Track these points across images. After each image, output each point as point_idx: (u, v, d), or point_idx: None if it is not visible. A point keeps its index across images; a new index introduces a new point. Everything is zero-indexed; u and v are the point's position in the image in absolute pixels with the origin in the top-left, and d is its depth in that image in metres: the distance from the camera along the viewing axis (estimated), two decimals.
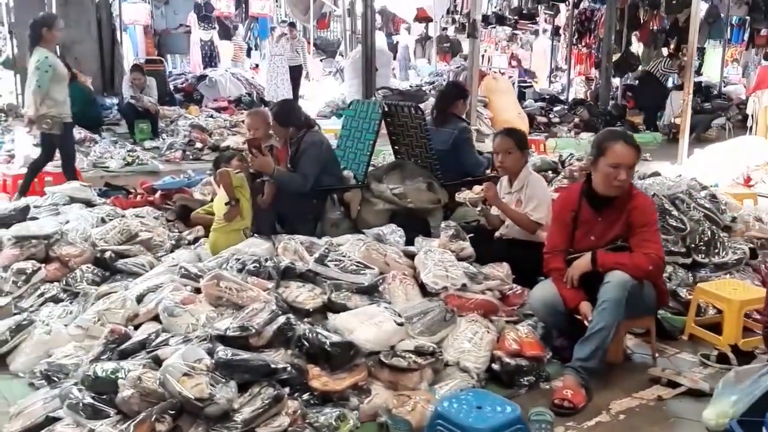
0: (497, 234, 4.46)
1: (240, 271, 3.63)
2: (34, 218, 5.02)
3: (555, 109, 12.83)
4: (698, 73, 15.78)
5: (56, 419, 2.85)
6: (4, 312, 4.01)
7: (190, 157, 9.13)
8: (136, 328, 3.30)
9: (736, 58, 20.31)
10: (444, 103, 5.84)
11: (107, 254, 4.59)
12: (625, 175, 3.35)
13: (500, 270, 3.93)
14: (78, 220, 4.90)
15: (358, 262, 3.63)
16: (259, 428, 2.70)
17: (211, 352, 2.88)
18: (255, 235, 4.53)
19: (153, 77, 10.86)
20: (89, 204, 5.51)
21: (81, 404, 2.74)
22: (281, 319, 3.09)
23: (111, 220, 5.06)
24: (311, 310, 3.38)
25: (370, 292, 3.51)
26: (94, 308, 3.41)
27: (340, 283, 3.51)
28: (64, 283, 4.38)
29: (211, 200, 5.61)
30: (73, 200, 5.43)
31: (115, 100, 11.99)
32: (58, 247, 4.61)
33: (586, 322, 3.35)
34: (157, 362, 2.89)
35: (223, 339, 3.01)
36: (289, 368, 2.87)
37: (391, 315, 3.21)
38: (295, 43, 14.13)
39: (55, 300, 4.24)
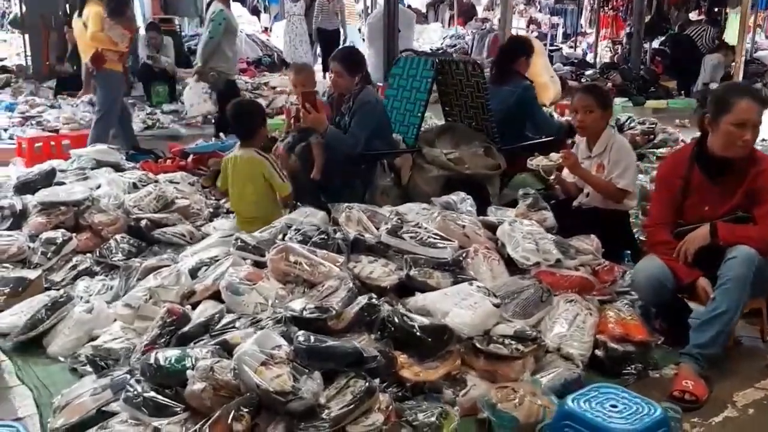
0: (575, 203, 4.04)
1: (302, 243, 3.23)
2: (59, 183, 4.61)
3: (587, 73, 12.32)
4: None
5: (110, 414, 2.47)
6: (34, 287, 3.62)
7: (212, 121, 8.66)
8: (194, 307, 2.90)
9: (760, 24, 19.74)
10: (505, 60, 5.35)
11: (143, 223, 4.20)
12: (751, 134, 2.94)
13: (589, 243, 3.51)
14: (109, 186, 4.49)
15: (436, 234, 3.22)
16: (350, 426, 2.31)
17: (286, 337, 2.49)
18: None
19: (169, 37, 10.36)
20: (118, 168, 5.10)
21: (141, 398, 2.34)
22: (362, 300, 2.69)
23: (144, 185, 4.67)
24: (388, 288, 2.98)
25: (452, 268, 3.10)
26: (144, 284, 3.00)
27: (417, 257, 3.09)
28: (97, 254, 4.00)
29: None
30: (100, 164, 5.01)
31: (129, 62, 11.51)
32: (89, 215, 4.22)
33: (699, 303, 2.96)
34: (226, 349, 2.50)
35: (298, 321, 2.61)
36: (379, 357, 2.48)
37: (487, 295, 2.80)
38: (334, 4, 13.32)
39: (89, 273, 3.86)
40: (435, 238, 3.19)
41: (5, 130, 7.50)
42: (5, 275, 3.64)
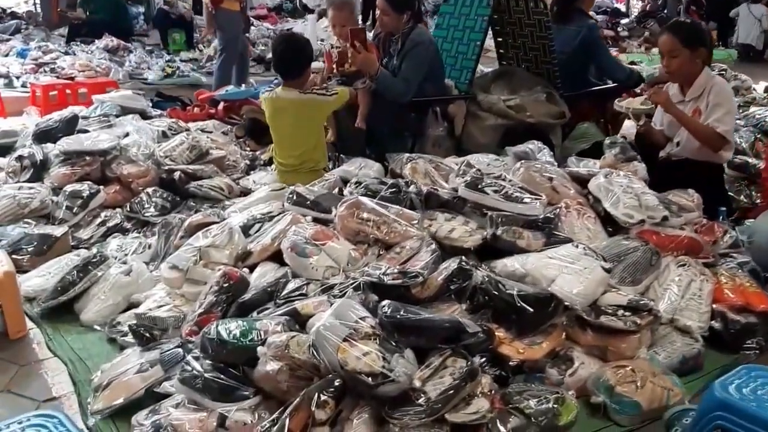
0: (662, 154, 3.61)
1: (372, 197, 2.83)
2: (82, 131, 4.20)
3: (622, 22, 11.70)
4: None
5: (162, 396, 2.10)
6: (60, 245, 3.24)
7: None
8: (251, 270, 2.51)
9: None
10: None
11: (176, 175, 3.80)
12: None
13: (688, 198, 3.09)
14: (137, 134, 4.07)
15: (521, 188, 2.80)
16: (450, 414, 1.93)
17: (365, 307, 2.10)
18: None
19: None
20: (144, 116, 4.67)
21: (202, 379, 1.96)
22: (451, 264, 2.29)
23: (174, 134, 4.25)
24: (471, 249, 2.58)
25: (544, 226, 2.69)
26: (192, 243, 2.59)
27: (503, 215, 2.68)
28: (127, 209, 3.62)
29: None
30: (125, 111, 4.58)
31: (142, 9, 10.99)
32: (117, 166, 3.83)
33: None
34: (297, 321, 2.12)
35: (376, 288, 2.22)
36: (480, 332, 2.09)
37: (596, 259, 2.39)
38: None
39: (120, 230, 3.48)
40: (521, 192, 2.77)
41: (17, 77, 7.05)
42: (28, 231, 3.27)
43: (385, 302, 2.07)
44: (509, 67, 4.88)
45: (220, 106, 4.89)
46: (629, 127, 5.23)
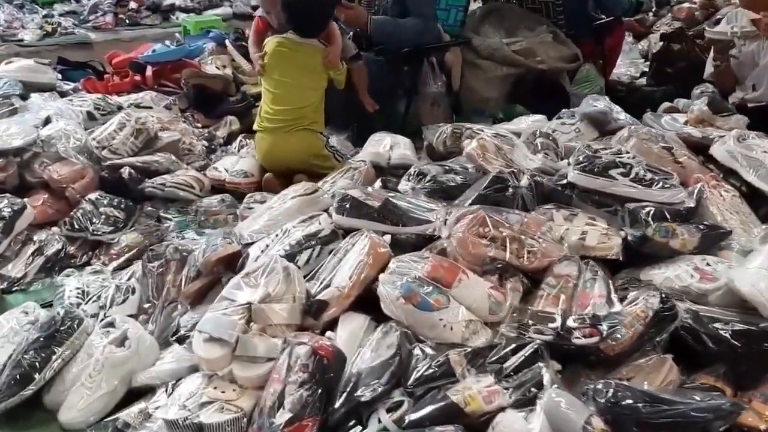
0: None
1: (444, 196, 2.07)
2: None
3: None
4: None
5: None
6: None
7: (126, 21, 6.92)
8: (323, 331, 1.68)
9: None
10: None
11: (124, 172, 2.84)
12: None
13: None
14: (60, 120, 3.04)
15: (650, 167, 2.10)
16: None
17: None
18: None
19: None
20: (53, 92, 3.57)
21: None
22: (649, 300, 1.58)
23: (105, 115, 3.24)
24: (617, 259, 1.87)
25: (689, 217, 2.03)
26: (233, 298, 1.70)
27: (643, 206, 1.98)
28: (67, 226, 2.65)
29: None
30: (27, 87, 3.46)
31: None
32: (40, 167, 2.82)
33: None
34: (461, 423, 1.35)
35: (553, 349, 1.49)
36: (731, 404, 1.41)
37: None
38: None
39: (64, 258, 2.53)
40: (654, 172, 2.08)
41: None
42: None
43: (603, 385, 1.34)
44: (498, 2, 4.12)
45: (148, 71, 3.84)
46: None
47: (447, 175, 2.17)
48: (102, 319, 2.00)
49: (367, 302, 1.75)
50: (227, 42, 4.03)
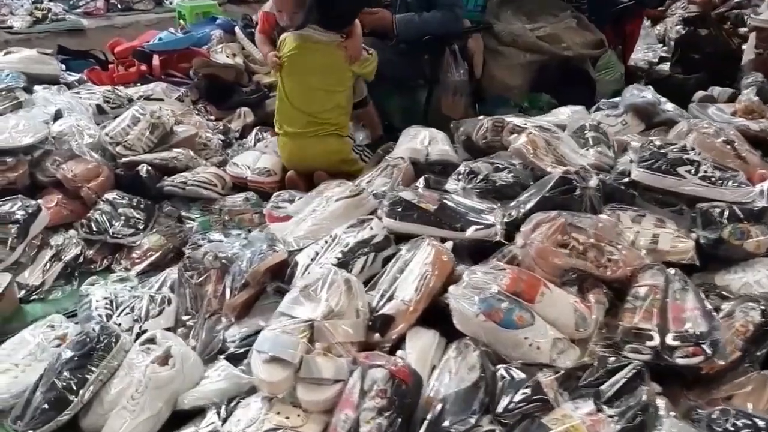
0: None
1: (498, 196, 1.95)
2: None
3: None
4: None
5: None
6: (5, 305, 2.13)
7: (118, 6, 6.70)
8: (392, 351, 1.55)
9: None
10: None
11: (141, 169, 2.69)
12: None
13: None
14: (71, 115, 2.87)
15: (716, 164, 1.98)
16: None
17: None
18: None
19: None
20: (58, 84, 3.38)
21: None
22: (752, 313, 1.47)
23: (115, 108, 3.08)
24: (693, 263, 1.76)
25: (760, 216, 1.92)
26: (292, 314, 1.57)
27: (716, 206, 1.86)
28: (84, 228, 2.49)
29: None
30: (31, 79, 3.27)
31: None
32: (53, 166, 2.65)
33: None
34: None
35: (652, 369, 1.37)
36: None
37: None
38: None
39: (83, 264, 2.39)
40: (721, 169, 1.97)
41: None
42: None
43: (720, 413, 1.23)
44: None
45: (155, 60, 3.66)
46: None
47: (498, 174, 2.04)
48: (138, 334, 1.86)
49: (426, 313, 1.63)
50: (237, 29, 3.85)
